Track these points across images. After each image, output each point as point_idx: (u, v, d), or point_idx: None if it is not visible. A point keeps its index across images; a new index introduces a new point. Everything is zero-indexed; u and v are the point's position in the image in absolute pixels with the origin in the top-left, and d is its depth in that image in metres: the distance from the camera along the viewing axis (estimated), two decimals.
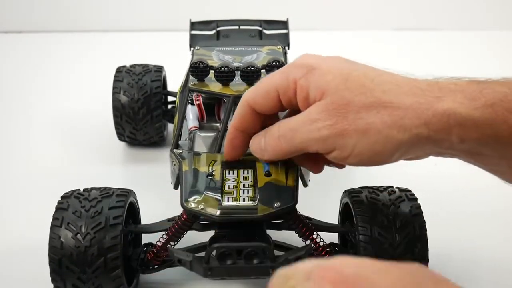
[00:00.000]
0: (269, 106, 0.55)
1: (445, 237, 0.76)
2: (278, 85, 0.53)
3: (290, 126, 0.52)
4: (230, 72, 0.69)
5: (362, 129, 0.48)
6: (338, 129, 0.49)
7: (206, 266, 0.58)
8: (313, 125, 0.50)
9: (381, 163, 0.52)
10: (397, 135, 0.48)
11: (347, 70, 0.51)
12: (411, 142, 0.48)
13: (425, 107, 0.48)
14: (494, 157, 0.51)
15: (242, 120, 0.57)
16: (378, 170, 0.90)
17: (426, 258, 0.60)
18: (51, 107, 1.13)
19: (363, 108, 0.49)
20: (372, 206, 0.62)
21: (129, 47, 1.41)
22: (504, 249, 0.75)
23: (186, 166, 0.64)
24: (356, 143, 0.49)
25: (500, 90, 0.48)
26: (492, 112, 0.47)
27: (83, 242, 0.59)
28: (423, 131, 0.48)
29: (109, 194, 0.63)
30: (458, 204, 0.84)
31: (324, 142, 0.50)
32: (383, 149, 0.49)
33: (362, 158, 0.50)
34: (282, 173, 0.62)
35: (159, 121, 0.93)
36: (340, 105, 0.49)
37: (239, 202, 0.59)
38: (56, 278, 0.59)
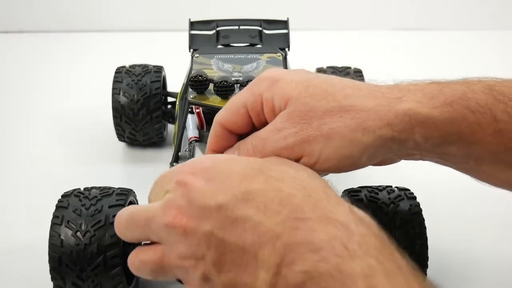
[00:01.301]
0: (240, 124, 0.55)
1: (444, 235, 0.76)
2: (245, 101, 0.54)
3: (260, 137, 0.52)
4: (229, 86, 0.70)
5: (326, 134, 0.49)
6: (303, 135, 0.49)
7: None
8: (279, 134, 0.51)
9: (352, 168, 0.52)
10: (361, 137, 0.49)
11: (309, 78, 0.52)
12: (376, 143, 0.49)
13: (387, 108, 0.49)
14: (460, 156, 0.51)
15: (217, 141, 0.56)
16: (377, 170, 0.91)
17: (425, 256, 0.60)
18: (51, 107, 1.13)
19: (326, 113, 0.49)
20: (372, 205, 0.62)
21: (129, 47, 1.41)
22: (503, 247, 0.75)
23: None
24: (323, 149, 0.49)
25: (459, 89, 0.50)
26: (452, 111, 0.48)
27: (83, 240, 0.59)
28: (386, 132, 0.49)
29: (109, 193, 0.63)
30: (457, 203, 0.84)
31: (291, 149, 0.50)
32: (350, 152, 0.49)
33: (331, 163, 0.50)
34: None
35: (159, 121, 0.93)
36: (303, 111, 0.50)
37: None
38: (56, 276, 0.59)
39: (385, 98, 0.49)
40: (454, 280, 0.70)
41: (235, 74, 0.74)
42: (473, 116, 0.49)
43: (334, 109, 0.49)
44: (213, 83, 0.70)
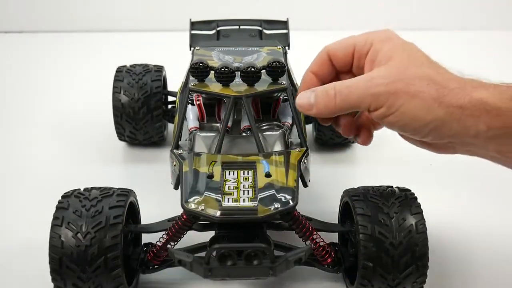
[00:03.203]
0: (340, 58, 0.64)
1: (445, 236, 0.76)
2: (357, 41, 0.63)
3: (347, 84, 0.60)
4: (230, 72, 0.69)
5: (412, 93, 0.56)
6: (392, 88, 0.56)
7: (206, 266, 0.58)
8: (372, 82, 0.58)
9: (415, 132, 0.58)
10: (437, 108, 0.55)
11: (414, 48, 0.60)
12: (446, 118, 0.55)
13: (464, 92, 0.55)
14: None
15: (318, 64, 0.65)
16: (378, 170, 0.92)
17: (426, 257, 0.60)
18: (51, 106, 1.13)
19: (418, 77, 0.56)
20: (373, 205, 0.62)
21: (129, 47, 1.41)
22: (503, 248, 0.75)
23: (186, 167, 0.63)
24: (403, 104, 0.56)
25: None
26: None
27: (83, 241, 0.59)
28: (457, 113, 0.55)
29: (109, 194, 0.63)
30: (457, 203, 0.84)
31: (377, 97, 0.57)
32: (422, 115, 0.56)
33: (402, 118, 0.57)
34: (282, 174, 0.62)
35: (159, 121, 0.93)
36: (401, 70, 0.57)
37: (239, 203, 0.59)
38: (56, 277, 0.59)
39: (465, 84, 0.56)
40: (454, 280, 0.70)
41: (235, 64, 0.73)
42: None
43: (425, 77, 0.56)
44: (213, 71, 0.69)
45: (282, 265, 0.58)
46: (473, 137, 0.55)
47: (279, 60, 0.69)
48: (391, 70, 0.58)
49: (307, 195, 0.84)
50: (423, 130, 0.57)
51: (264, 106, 0.77)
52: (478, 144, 0.56)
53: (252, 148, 0.68)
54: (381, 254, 0.59)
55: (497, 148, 0.56)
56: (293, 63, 0.88)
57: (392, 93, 0.56)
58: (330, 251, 0.65)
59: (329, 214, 0.71)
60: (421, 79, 0.56)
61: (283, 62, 0.69)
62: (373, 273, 0.60)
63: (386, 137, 1.01)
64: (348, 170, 0.94)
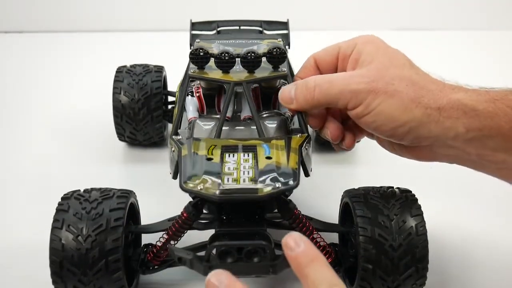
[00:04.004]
0: (327, 61, 0.66)
1: (445, 237, 0.76)
2: (342, 45, 0.65)
3: (328, 79, 0.61)
4: (230, 58, 0.68)
5: (390, 92, 0.57)
6: (372, 86, 0.58)
7: (206, 264, 0.58)
8: (352, 79, 0.59)
9: (391, 133, 0.58)
10: (414, 108, 0.56)
11: (395, 51, 0.62)
12: (423, 119, 0.56)
13: (443, 94, 0.56)
14: (499, 152, 0.56)
15: (304, 71, 0.68)
16: (378, 170, 0.92)
17: (426, 259, 0.60)
18: (51, 107, 1.13)
19: (397, 78, 0.58)
20: (373, 206, 0.62)
21: (129, 47, 1.41)
22: (504, 251, 0.75)
23: (185, 151, 0.63)
24: (380, 103, 0.57)
25: (503, 92, 0.56)
26: (494, 107, 0.55)
27: (84, 244, 0.59)
28: (435, 115, 0.56)
29: (109, 196, 0.63)
30: (458, 204, 0.84)
31: (356, 95, 0.58)
32: (398, 116, 0.57)
33: (379, 118, 0.58)
34: (283, 156, 0.61)
35: (160, 121, 0.93)
36: (381, 70, 0.59)
37: (239, 183, 0.58)
38: (57, 280, 0.59)
39: (444, 87, 0.58)
40: (453, 282, 0.70)
41: (236, 53, 0.71)
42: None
43: (404, 78, 0.58)
44: (213, 57, 0.69)
45: (282, 263, 0.58)
46: (453, 140, 0.56)
47: (280, 47, 0.69)
48: (372, 71, 0.59)
49: (307, 195, 0.84)
50: (399, 131, 0.58)
51: (265, 99, 0.77)
52: (458, 147, 0.57)
53: (252, 134, 0.68)
54: (381, 256, 0.59)
55: (477, 151, 0.56)
56: (294, 63, 0.88)
57: (371, 91, 0.58)
58: (330, 251, 0.65)
59: (329, 214, 0.72)
60: (400, 80, 0.58)
61: (283, 49, 0.69)
62: (373, 275, 0.60)
63: None
64: (348, 170, 0.94)
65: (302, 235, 0.51)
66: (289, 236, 0.50)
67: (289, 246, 0.50)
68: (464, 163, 0.60)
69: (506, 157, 0.56)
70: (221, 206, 0.62)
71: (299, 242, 0.50)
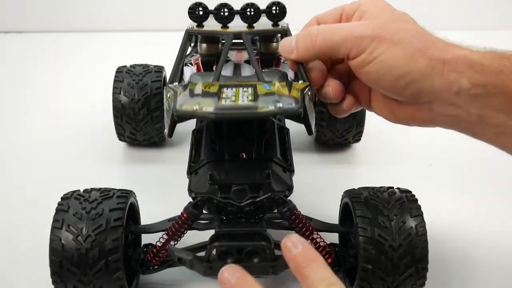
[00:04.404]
0: (330, 21, 0.64)
1: (444, 238, 0.76)
2: (345, 6, 0.63)
3: (331, 27, 0.60)
4: (229, 10, 0.67)
5: (395, 41, 0.56)
6: (377, 34, 0.56)
7: (206, 264, 0.59)
8: (357, 27, 0.58)
9: (393, 84, 0.57)
10: (418, 58, 0.55)
11: (402, 13, 0.61)
12: (426, 71, 0.55)
13: (448, 49, 0.55)
14: (501, 113, 0.54)
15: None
16: (378, 170, 0.92)
17: (426, 259, 0.60)
18: (51, 107, 1.13)
19: (403, 29, 0.57)
20: (373, 207, 0.62)
21: (129, 47, 1.41)
22: (504, 250, 0.75)
23: (181, 91, 0.59)
24: (384, 51, 0.56)
25: (510, 51, 0.55)
26: (500, 64, 0.53)
27: (84, 244, 0.59)
28: (439, 67, 0.54)
29: (109, 196, 0.63)
30: (458, 205, 0.84)
31: (360, 40, 0.57)
32: (403, 64, 0.55)
33: (382, 67, 0.56)
34: (285, 90, 0.58)
35: (160, 121, 0.93)
36: (386, 22, 0.58)
37: (237, 103, 0.55)
38: (57, 280, 0.59)
39: (450, 43, 0.57)
40: (453, 283, 0.70)
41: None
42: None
43: (410, 30, 0.57)
44: (212, 13, 0.67)
45: (282, 263, 0.58)
46: (455, 95, 0.55)
47: (279, 1, 0.68)
48: (377, 22, 0.58)
49: (307, 195, 0.84)
50: (401, 82, 0.56)
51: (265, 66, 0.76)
52: (460, 105, 0.55)
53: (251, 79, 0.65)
54: (380, 256, 0.59)
55: (478, 111, 0.55)
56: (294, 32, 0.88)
57: (376, 38, 0.56)
58: (330, 251, 0.65)
59: (329, 214, 0.72)
60: (406, 31, 0.56)
61: (283, 4, 0.68)
62: (373, 276, 0.60)
63: (386, 137, 1.02)
64: (348, 170, 0.94)
65: (300, 237, 0.51)
66: (287, 238, 0.51)
67: (288, 247, 0.50)
68: (462, 127, 0.58)
69: (507, 119, 0.54)
70: (220, 207, 0.62)
71: (297, 243, 0.50)
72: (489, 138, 0.57)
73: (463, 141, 0.99)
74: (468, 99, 0.54)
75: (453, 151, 0.98)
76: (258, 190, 0.63)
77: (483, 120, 0.55)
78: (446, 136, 1.02)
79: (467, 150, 0.98)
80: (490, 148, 0.56)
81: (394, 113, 0.61)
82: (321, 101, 0.66)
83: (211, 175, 0.62)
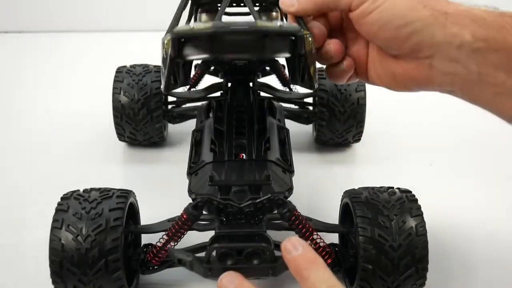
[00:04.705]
0: None
1: (445, 238, 0.76)
2: None
3: None
4: None
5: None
6: None
7: (206, 266, 0.59)
8: None
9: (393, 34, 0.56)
10: (421, 9, 0.54)
11: None
12: (428, 21, 0.54)
13: (451, 5, 0.55)
14: (501, 71, 0.54)
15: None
16: (378, 170, 0.92)
17: (426, 259, 0.60)
18: (51, 107, 1.13)
19: None
20: (373, 207, 0.62)
21: (129, 47, 1.41)
22: (505, 251, 0.75)
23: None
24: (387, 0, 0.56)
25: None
26: (502, 20, 0.53)
27: (83, 244, 0.59)
28: (441, 19, 0.54)
29: (109, 195, 0.63)
30: (458, 205, 0.84)
31: None
32: (405, 12, 0.55)
33: (384, 16, 0.56)
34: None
35: (159, 121, 0.93)
36: None
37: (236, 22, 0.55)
38: (57, 280, 0.59)
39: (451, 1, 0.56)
40: (453, 283, 0.70)
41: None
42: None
43: None
44: None
45: (282, 265, 0.58)
46: (457, 49, 0.54)
47: None
48: None
49: (307, 195, 0.84)
50: (402, 32, 0.55)
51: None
52: (461, 60, 0.54)
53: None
54: (380, 256, 0.59)
55: (478, 68, 0.54)
56: None
57: None
58: (330, 251, 0.65)
59: (329, 215, 0.72)
60: None
61: None
62: (373, 276, 0.60)
63: (386, 137, 1.02)
64: (348, 170, 0.94)
65: (300, 239, 0.51)
66: (287, 240, 0.51)
67: (288, 249, 0.50)
68: (461, 87, 0.57)
69: (506, 78, 0.54)
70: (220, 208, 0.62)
71: (297, 245, 0.50)
72: (486, 100, 0.56)
73: (463, 141, 1.01)
74: (469, 53, 0.54)
75: (453, 151, 0.98)
76: (258, 191, 0.63)
77: (482, 79, 0.55)
78: (446, 136, 1.03)
79: (467, 150, 0.99)
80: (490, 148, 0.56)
81: (393, 76, 0.60)
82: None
83: (211, 177, 0.62)
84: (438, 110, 1.11)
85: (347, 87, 0.92)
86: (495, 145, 0.99)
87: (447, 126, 1.06)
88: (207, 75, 0.96)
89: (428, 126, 1.06)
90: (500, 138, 1.00)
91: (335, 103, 0.91)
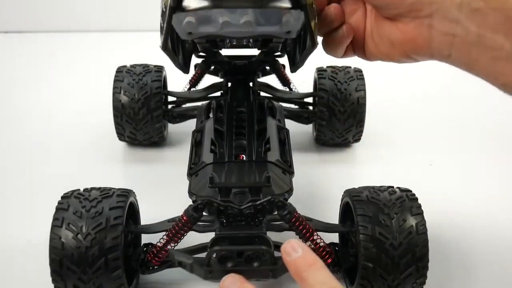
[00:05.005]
0: None
1: (445, 237, 0.76)
2: None
3: None
4: None
5: None
6: None
7: (206, 268, 0.59)
8: None
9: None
10: None
11: None
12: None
13: None
14: (499, 34, 0.53)
15: None
16: (378, 170, 0.92)
17: (426, 258, 0.60)
18: (51, 107, 1.13)
19: None
20: (373, 205, 0.62)
21: (129, 47, 1.41)
22: (505, 250, 0.75)
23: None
24: None
25: None
26: None
27: (84, 242, 0.59)
28: None
29: (109, 195, 0.63)
30: (458, 205, 0.84)
31: None
32: None
33: None
34: None
35: (160, 121, 0.93)
36: None
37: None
38: (57, 279, 0.59)
39: None
40: (454, 281, 0.70)
41: None
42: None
43: None
44: None
45: (282, 267, 0.58)
46: (458, 8, 0.54)
47: None
48: None
49: (307, 195, 0.84)
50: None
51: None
52: (461, 20, 0.54)
53: None
54: (381, 255, 0.59)
55: (477, 29, 0.54)
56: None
57: None
58: (330, 251, 0.65)
59: (329, 214, 0.72)
60: None
61: None
62: (373, 274, 0.60)
63: (386, 137, 1.02)
64: (348, 170, 0.94)
65: (300, 242, 0.52)
66: (287, 243, 0.51)
67: (288, 252, 0.51)
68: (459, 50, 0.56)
69: (504, 41, 0.53)
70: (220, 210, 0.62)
71: (297, 248, 0.50)
72: (483, 65, 0.56)
73: (463, 141, 1.01)
74: (468, 13, 0.53)
75: (453, 151, 0.98)
76: (258, 193, 0.63)
77: (480, 41, 0.54)
78: (446, 136, 1.03)
79: (467, 150, 0.99)
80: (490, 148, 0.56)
81: (391, 43, 0.59)
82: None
83: (211, 178, 0.62)
84: (438, 110, 1.11)
85: (347, 87, 0.92)
86: (495, 145, 0.99)
87: (447, 126, 1.06)
88: (207, 75, 0.97)
89: (428, 126, 1.06)
90: (500, 138, 1.00)
91: (335, 103, 0.91)
